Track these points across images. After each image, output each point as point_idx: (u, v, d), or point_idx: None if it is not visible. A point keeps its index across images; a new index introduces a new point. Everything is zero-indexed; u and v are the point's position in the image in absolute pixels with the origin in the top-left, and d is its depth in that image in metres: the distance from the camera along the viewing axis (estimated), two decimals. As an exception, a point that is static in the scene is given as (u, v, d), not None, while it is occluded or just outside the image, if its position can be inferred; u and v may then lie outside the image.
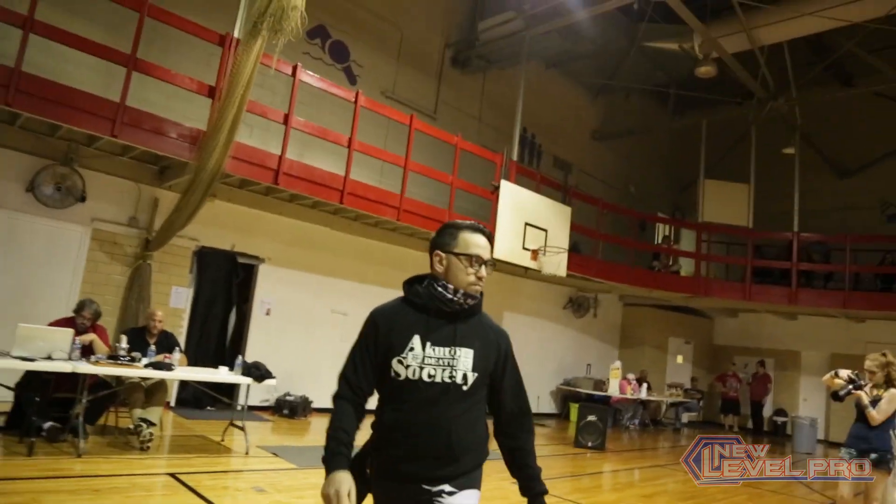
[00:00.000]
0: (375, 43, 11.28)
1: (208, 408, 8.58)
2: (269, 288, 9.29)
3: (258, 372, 6.30)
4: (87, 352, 5.84)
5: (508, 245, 10.16)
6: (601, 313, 15.36)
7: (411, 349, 2.00)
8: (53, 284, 7.57)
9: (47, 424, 5.61)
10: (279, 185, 7.67)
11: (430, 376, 1.98)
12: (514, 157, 11.28)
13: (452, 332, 2.05)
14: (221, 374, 6.35)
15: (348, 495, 1.84)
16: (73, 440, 5.61)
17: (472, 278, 2.07)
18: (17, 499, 4.14)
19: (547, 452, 9.16)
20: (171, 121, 7.06)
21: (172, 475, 5.19)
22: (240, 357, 6.53)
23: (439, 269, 2.10)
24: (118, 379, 6.04)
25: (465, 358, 2.02)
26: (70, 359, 5.42)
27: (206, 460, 5.93)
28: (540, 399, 13.60)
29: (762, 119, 13.72)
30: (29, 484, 4.47)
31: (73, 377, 5.56)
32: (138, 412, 5.93)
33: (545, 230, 10.78)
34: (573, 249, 11.71)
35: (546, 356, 13.72)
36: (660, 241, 15.56)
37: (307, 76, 8.18)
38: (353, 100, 8.56)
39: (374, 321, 2.09)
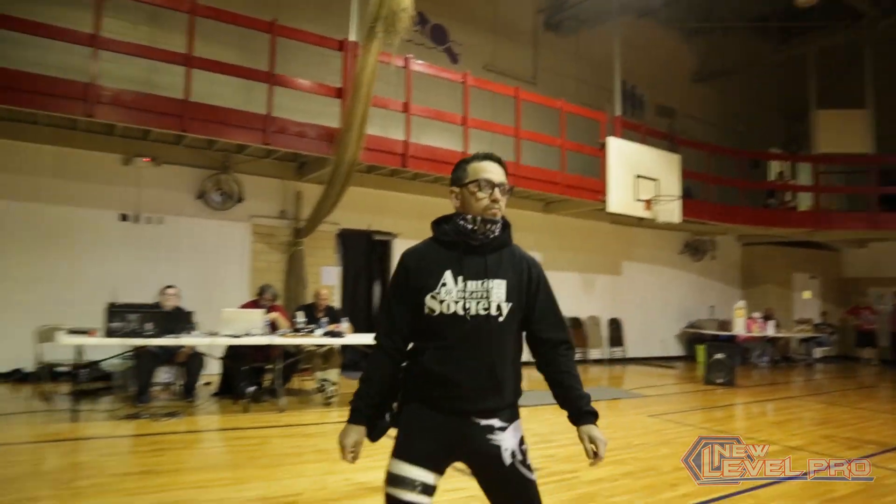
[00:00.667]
0: (472, 20, 11.86)
1: (364, 371, 9.70)
2: (404, 260, 10.27)
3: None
4: (272, 328, 6.98)
5: (621, 198, 10.59)
6: (720, 255, 15.39)
7: (444, 284, 2.00)
8: (226, 274, 8.88)
9: (251, 388, 6.81)
10: (407, 167, 8.54)
11: (465, 309, 1.98)
12: (618, 112, 11.59)
13: (483, 265, 2.03)
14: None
15: (354, 448, 2.01)
16: (271, 400, 6.80)
17: (486, 202, 2.03)
18: (250, 441, 5.28)
19: (676, 390, 9.66)
20: (310, 123, 8.06)
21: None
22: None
23: (456, 204, 2.11)
24: (298, 348, 7.16)
25: (498, 289, 2.01)
26: (263, 334, 6.56)
27: (378, 410, 6.93)
28: (665, 342, 13.99)
29: (876, 39, 13.13)
30: (253, 432, 5.61)
31: (264, 349, 6.73)
32: (319, 374, 7.04)
33: (656, 180, 11.09)
34: (686, 195, 11.92)
35: (667, 301, 14.04)
36: (774, 178, 15.28)
37: (418, 66, 8.95)
38: (462, 80, 9.25)
39: (403, 262, 2.10)
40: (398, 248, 10.28)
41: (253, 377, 6.95)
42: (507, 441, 1.99)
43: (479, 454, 1.99)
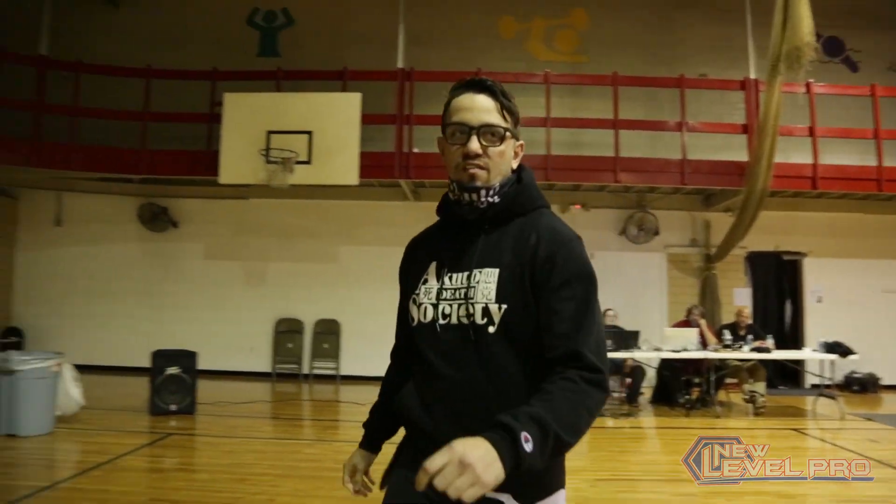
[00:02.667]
0: (868, 23, 11.28)
1: (779, 387, 10.08)
2: (816, 278, 10.40)
3: (840, 349, 7.56)
4: (702, 343, 8.05)
5: None
6: None
7: (425, 281, 1.44)
8: (647, 298, 10.23)
9: (684, 398, 7.95)
10: (818, 188, 8.84)
11: (444, 316, 1.38)
12: None
13: (474, 250, 1.41)
14: (807, 353, 7.85)
15: (354, 473, 1.62)
16: (702, 409, 7.81)
17: (458, 159, 1.40)
18: (689, 440, 6.40)
19: None
20: (721, 161, 8.99)
21: (793, 429, 6.88)
22: (821, 339, 7.91)
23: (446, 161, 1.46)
24: (723, 363, 8.06)
25: (485, 283, 1.35)
26: (696, 350, 7.67)
27: (809, 421, 7.48)
28: None
29: None
30: (694, 432, 6.65)
31: (695, 362, 7.82)
32: (747, 386, 7.85)
33: None
34: None
35: None
36: None
37: (820, 88, 9.19)
38: (871, 93, 9.16)
39: (404, 254, 1.60)
40: (809, 266, 10.44)
41: (687, 387, 8.10)
42: None
43: None
